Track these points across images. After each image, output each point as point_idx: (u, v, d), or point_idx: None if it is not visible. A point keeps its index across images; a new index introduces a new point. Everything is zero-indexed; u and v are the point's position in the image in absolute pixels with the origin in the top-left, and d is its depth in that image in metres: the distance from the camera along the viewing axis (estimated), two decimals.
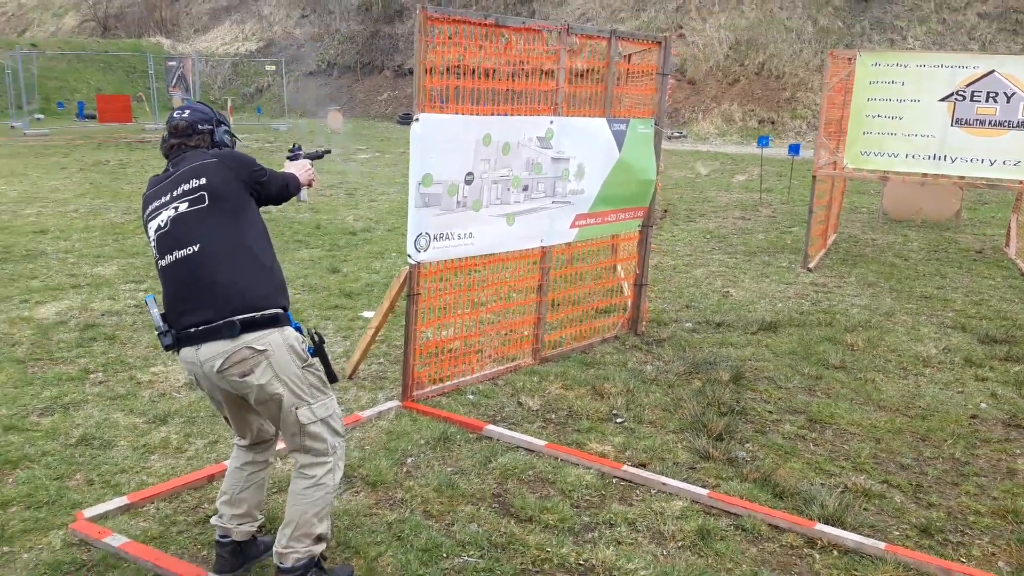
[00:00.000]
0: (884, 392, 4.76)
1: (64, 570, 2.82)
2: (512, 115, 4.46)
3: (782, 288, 7.14)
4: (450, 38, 4.11)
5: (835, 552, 3.07)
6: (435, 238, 4.17)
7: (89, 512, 3.15)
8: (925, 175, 7.38)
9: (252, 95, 36.00)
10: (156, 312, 2.60)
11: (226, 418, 2.81)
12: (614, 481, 3.57)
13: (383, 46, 35.69)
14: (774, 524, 3.23)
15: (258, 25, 40.92)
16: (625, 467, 3.65)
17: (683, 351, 5.35)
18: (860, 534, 3.14)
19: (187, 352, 2.56)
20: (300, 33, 38.65)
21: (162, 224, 2.62)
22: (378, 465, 3.60)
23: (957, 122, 6.99)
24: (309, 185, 3.22)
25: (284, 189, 2.96)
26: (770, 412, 4.44)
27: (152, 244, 2.67)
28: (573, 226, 5.03)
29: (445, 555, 2.95)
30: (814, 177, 7.71)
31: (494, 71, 4.44)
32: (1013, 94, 6.75)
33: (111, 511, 3.19)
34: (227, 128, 2.94)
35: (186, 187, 2.62)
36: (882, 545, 3.05)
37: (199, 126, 2.80)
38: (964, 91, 6.91)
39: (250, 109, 33.41)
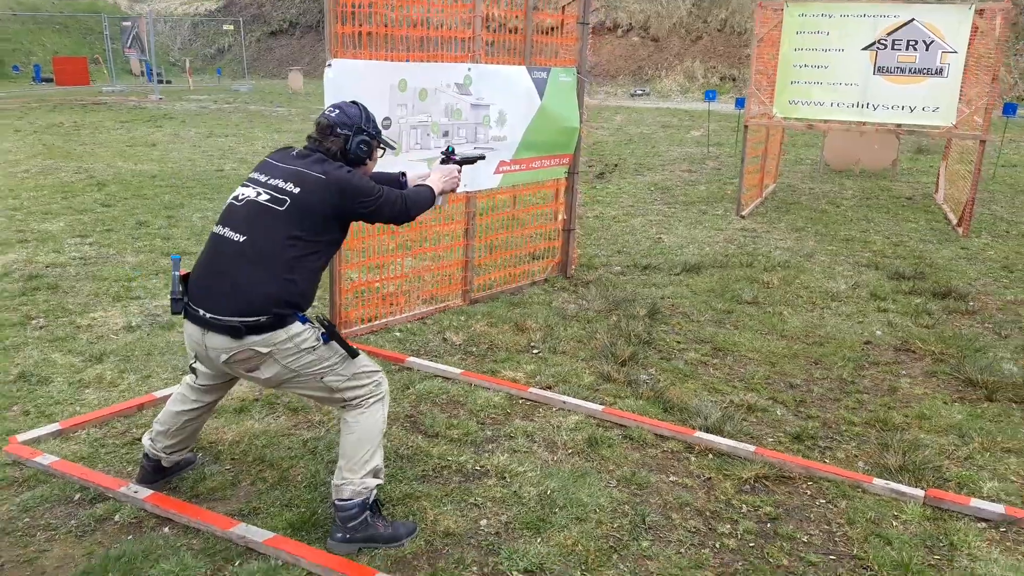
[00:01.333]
0: (788, 323, 5.08)
1: None
2: (427, 62, 4.64)
3: (712, 234, 7.43)
4: None
5: (710, 455, 3.37)
6: None
7: (22, 436, 3.36)
8: (850, 123, 7.66)
9: (213, 56, 35.45)
10: (177, 275, 2.65)
11: (192, 368, 2.93)
12: (520, 402, 3.85)
13: None
14: (659, 433, 3.54)
15: None
16: (531, 389, 3.93)
17: (606, 291, 5.62)
18: (736, 440, 3.45)
19: (192, 329, 2.64)
20: None
21: (240, 197, 2.71)
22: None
23: (879, 70, 7.26)
24: (453, 191, 3.22)
25: (405, 211, 2.90)
26: (678, 342, 4.74)
27: (225, 204, 2.78)
28: (497, 172, 5.24)
29: None
30: (746, 127, 7.97)
31: (417, 19, 4.60)
32: (932, 42, 7.02)
33: (43, 436, 3.40)
34: (368, 138, 2.86)
35: (280, 184, 2.68)
36: (752, 448, 3.37)
37: (338, 129, 2.80)
38: (886, 40, 7.16)
39: (210, 70, 32.93)
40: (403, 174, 3.26)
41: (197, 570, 2.55)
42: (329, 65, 4.16)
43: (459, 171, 3.24)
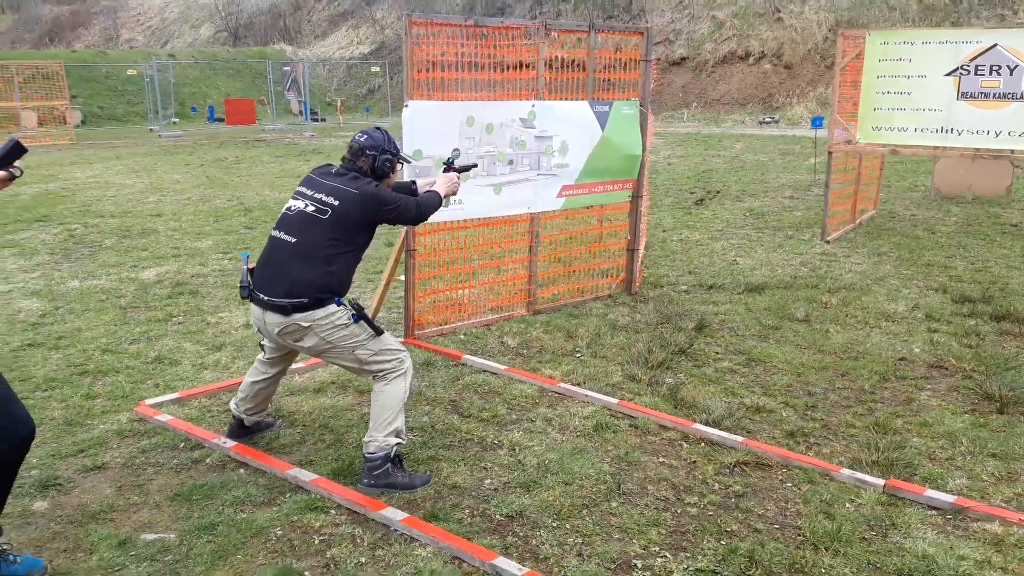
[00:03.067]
0: (831, 340, 5.32)
1: (124, 434, 3.96)
2: (492, 100, 5.34)
3: (790, 257, 7.64)
4: (434, 37, 5.04)
5: (702, 444, 3.79)
6: None
7: (149, 401, 4.30)
8: (934, 148, 7.66)
9: (364, 96, 38.21)
10: (245, 269, 3.43)
11: (261, 346, 3.74)
12: (549, 394, 4.41)
13: None
14: (662, 424, 3.99)
15: (371, 29, 43.24)
16: (560, 384, 4.48)
17: (663, 306, 6.06)
18: (708, 424, 3.85)
19: (255, 309, 3.41)
20: None
21: (292, 208, 3.41)
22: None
23: (963, 96, 7.26)
24: (454, 193, 3.91)
25: (420, 214, 3.64)
26: (716, 353, 5.12)
27: (281, 213, 3.49)
28: (560, 195, 5.85)
29: None
30: (829, 153, 8.12)
31: (480, 63, 5.33)
32: (1016, 66, 6.97)
33: (165, 402, 4.32)
34: (391, 156, 3.51)
35: (322, 198, 3.34)
36: (740, 439, 3.76)
37: (367, 151, 3.45)
38: (968, 65, 7.17)
39: (360, 109, 35.56)
40: (413, 182, 3.99)
41: (258, 498, 3.30)
42: (406, 106, 4.95)
43: (458, 178, 3.89)
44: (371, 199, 3.38)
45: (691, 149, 18.34)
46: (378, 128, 3.61)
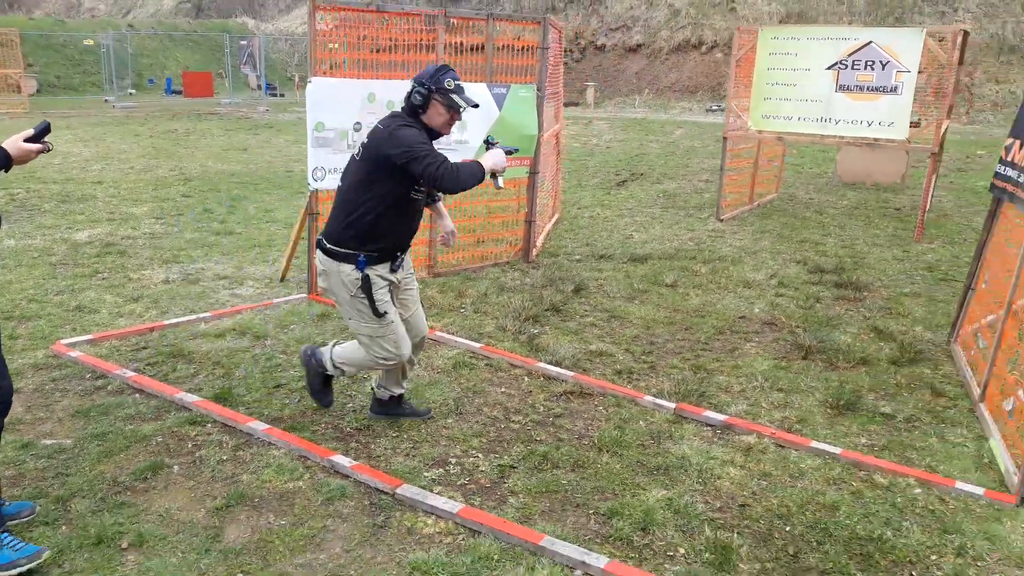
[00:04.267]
0: (689, 302, 6.00)
1: (39, 367, 4.48)
2: (393, 79, 5.90)
3: (682, 233, 8.33)
4: (339, 22, 5.58)
5: (541, 378, 4.44)
6: (330, 171, 5.67)
7: (65, 341, 4.83)
8: (816, 135, 8.38)
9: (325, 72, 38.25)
10: None
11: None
12: (428, 339, 5.01)
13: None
14: (512, 363, 4.63)
15: None
16: (436, 332, 5.09)
17: (551, 272, 6.69)
18: (551, 363, 4.50)
19: None
20: None
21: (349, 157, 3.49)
22: (269, 327, 5.16)
23: (841, 88, 7.97)
24: (503, 171, 3.64)
25: (452, 178, 3.21)
26: (584, 311, 5.77)
27: None
28: None
29: (280, 368, 4.48)
30: (724, 138, 8.81)
31: (382, 45, 5.88)
32: (887, 63, 7.69)
33: (79, 342, 4.85)
34: (424, 90, 3.28)
35: (363, 141, 3.38)
36: (571, 374, 4.41)
37: (412, 84, 3.35)
38: (847, 60, 7.88)
39: None
40: (491, 137, 3.76)
41: (147, 415, 3.86)
42: (310, 82, 5.49)
43: (506, 156, 3.62)
44: (387, 134, 3.25)
45: (633, 134, 19.00)
46: (441, 65, 3.43)
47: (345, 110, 5.64)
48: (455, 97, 3.35)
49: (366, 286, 3.33)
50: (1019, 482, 3.19)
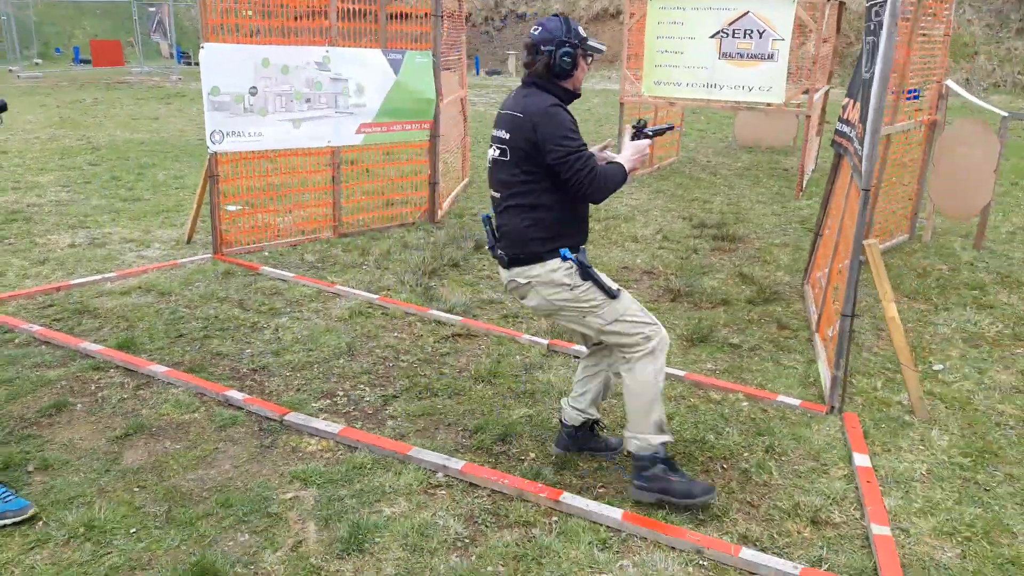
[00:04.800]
0: None
1: None
2: (286, 45, 6.11)
3: None
4: None
5: (433, 323, 4.82)
6: (228, 134, 5.88)
7: None
8: (703, 100, 8.92)
9: None
10: (488, 230, 3.03)
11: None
12: (325, 294, 5.33)
13: None
14: (407, 312, 4.99)
15: None
16: (336, 286, 5.41)
17: (454, 231, 7.05)
18: (444, 311, 4.90)
19: (500, 267, 3.06)
20: None
21: (489, 159, 3.00)
22: (174, 284, 5.39)
23: (723, 55, 8.51)
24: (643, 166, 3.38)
25: (601, 185, 2.82)
26: (482, 266, 6.15)
27: None
28: (359, 132, 6.69)
29: (183, 321, 4.73)
30: (621, 104, 9.28)
31: (273, 12, 6.08)
32: (764, 31, 8.24)
33: None
34: (571, 48, 2.84)
35: (500, 135, 2.89)
36: (459, 319, 4.80)
37: (541, 47, 2.84)
38: (727, 29, 8.41)
39: None
40: (642, 121, 3.28)
41: (53, 363, 4.08)
42: (202, 47, 5.66)
43: (651, 145, 3.17)
44: (535, 121, 2.77)
45: None
46: (556, 15, 2.95)
47: (239, 74, 5.84)
48: (592, 43, 2.94)
49: (583, 269, 2.86)
50: (829, 393, 3.74)
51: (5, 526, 2.72)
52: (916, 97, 6.52)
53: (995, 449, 3.36)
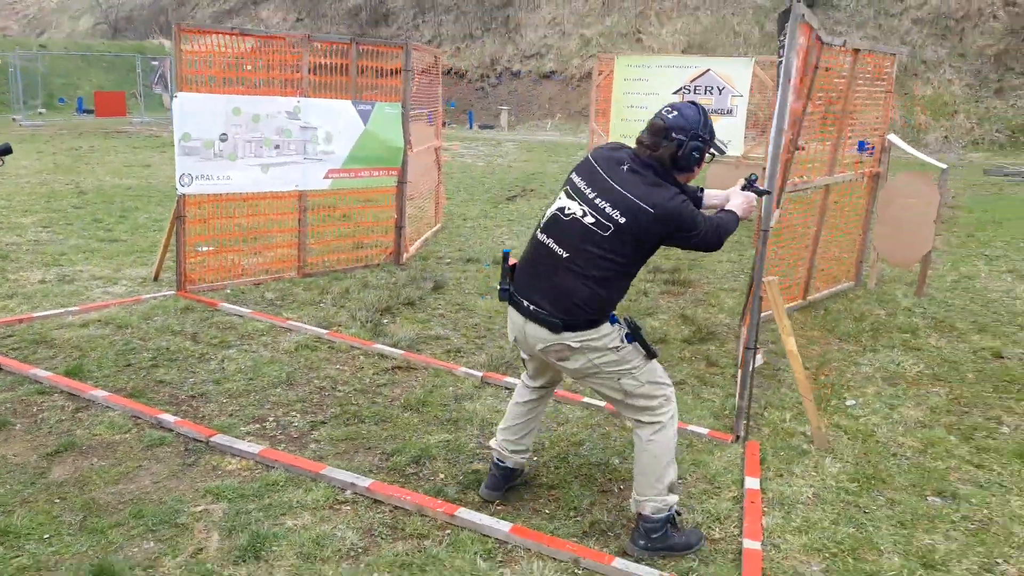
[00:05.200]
0: None
1: None
2: (258, 95, 6.43)
3: None
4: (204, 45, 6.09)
5: (376, 357, 5.00)
6: (196, 177, 6.15)
7: None
8: None
9: None
10: (506, 267, 2.97)
11: (523, 361, 3.23)
12: (277, 328, 5.53)
13: None
14: (352, 345, 5.18)
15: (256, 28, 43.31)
16: (288, 321, 5.61)
17: (416, 273, 7.28)
18: (389, 345, 5.08)
19: (515, 316, 2.94)
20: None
21: (566, 211, 2.83)
22: (133, 319, 5.59)
23: None
24: (748, 218, 3.17)
25: (716, 242, 2.90)
26: (438, 305, 6.36)
27: (547, 209, 2.95)
28: (327, 177, 6.98)
29: (133, 352, 4.92)
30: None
31: (246, 65, 6.41)
32: (724, 88, 8.61)
33: None
34: (702, 144, 2.80)
35: (606, 207, 2.75)
36: (401, 352, 4.98)
37: (673, 134, 2.75)
38: (690, 86, 8.79)
39: None
40: (701, 189, 3.23)
41: (1, 388, 4.26)
42: (175, 96, 5.98)
43: (757, 199, 3.18)
44: (668, 219, 2.75)
45: (537, 155, 19.88)
46: (692, 103, 2.87)
47: (210, 122, 6.14)
48: (719, 143, 2.96)
49: (635, 330, 2.92)
50: (736, 422, 3.90)
51: None
52: (866, 149, 6.85)
53: (884, 476, 3.52)
